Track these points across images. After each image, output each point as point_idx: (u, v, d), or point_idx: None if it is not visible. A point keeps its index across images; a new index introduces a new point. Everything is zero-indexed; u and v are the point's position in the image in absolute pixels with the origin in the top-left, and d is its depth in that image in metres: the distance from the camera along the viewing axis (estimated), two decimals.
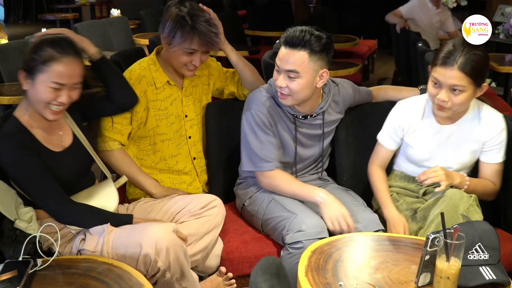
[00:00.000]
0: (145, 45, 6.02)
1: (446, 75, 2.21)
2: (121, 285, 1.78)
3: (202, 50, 2.46)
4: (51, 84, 2.02)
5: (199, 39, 2.41)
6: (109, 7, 10.01)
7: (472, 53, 2.19)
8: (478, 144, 2.40)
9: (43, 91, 2.03)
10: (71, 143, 2.21)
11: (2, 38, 5.51)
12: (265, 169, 2.44)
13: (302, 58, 2.30)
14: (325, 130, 2.58)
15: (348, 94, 2.64)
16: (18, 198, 2.07)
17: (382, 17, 6.35)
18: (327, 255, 1.90)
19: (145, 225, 2.10)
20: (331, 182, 2.70)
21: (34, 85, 2.04)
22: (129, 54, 4.27)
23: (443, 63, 2.21)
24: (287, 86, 2.33)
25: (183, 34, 2.40)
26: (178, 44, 2.42)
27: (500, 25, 6.38)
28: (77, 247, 2.10)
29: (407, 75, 5.74)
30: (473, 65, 2.19)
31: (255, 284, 1.36)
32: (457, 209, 2.17)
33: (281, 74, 2.35)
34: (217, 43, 2.49)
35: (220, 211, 2.45)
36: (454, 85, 2.21)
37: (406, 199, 2.46)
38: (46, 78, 2.02)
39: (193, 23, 2.40)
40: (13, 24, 12.93)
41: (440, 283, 1.68)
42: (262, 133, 2.43)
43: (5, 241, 1.98)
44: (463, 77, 2.19)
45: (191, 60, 2.45)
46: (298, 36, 2.29)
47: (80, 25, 6.14)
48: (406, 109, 2.48)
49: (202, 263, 2.38)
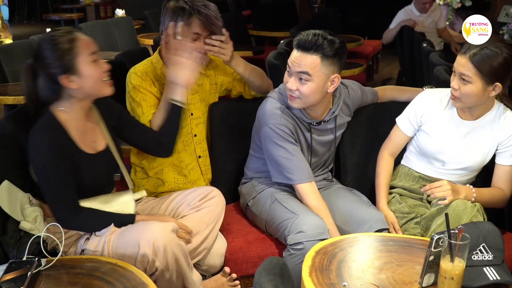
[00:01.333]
0: (150, 45, 6.04)
1: (458, 62, 2.28)
2: (125, 285, 1.79)
3: (205, 33, 2.46)
4: (90, 57, 2.06)
5: (201, 21, 2.43)
6: (113, 7, 10.01)
7: (488, 49, 2.22)
8: (493, 144, 2.40)
9: (91, 71, 2.06)
10: (103, 149, 2.23)
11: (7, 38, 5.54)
12: (298, 182, 2.43)
13: (314, 62, 2.29)
14: (337, 134, 2.60)
15: (357, 96, 2.64)
16: (24, 198, 2.08)
17: (386, 18, 6.33)
18: (331, 255, 1.90)
19: (144, 225, 2.10)
20: (335, 183, 2.70)
21: (81, 75, 2.05)
22: (133, 54, 4.28)
23: (463, 52, 2.28)
24: (298, 89, 2.33)
25: (184, 18, 2.41)
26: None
27: (505, 25, 6.37)
28: (81, 246, 2.11)
29: (412, 75, 5.73)
30: (483, 58, 2.21)
31: (259, 284, 1.36)
32: (460, 220, 2.16)
33: (292, 76, 2.34)
34: (219, 26, 2.49)
35: (220, 201, 2.44)
36: (462, 74, 2.25)
37: (409, 202, 2.46)
38: (83, 57, 2.05)
39: (192, 7, 2.42)
40: (17, 24, 12.97)
41: (444, 284, 1.68)
42: (289, 144, 2.42)
43: (9, 241, 1.99)
44: (471, 67, 2.23)
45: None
46: (311, 40, 2.29)
47: (85, 25, 6.15)
48: (430, 97, 2.49)
49: (205, 259, 2.38)
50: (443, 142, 2.43)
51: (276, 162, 2.44)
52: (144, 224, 2.11)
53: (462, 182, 2.45)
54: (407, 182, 2.53)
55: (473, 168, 2.45)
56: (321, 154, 2.60)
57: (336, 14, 7.98)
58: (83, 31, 5.92)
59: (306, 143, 2.51)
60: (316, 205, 2.39)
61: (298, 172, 2.42)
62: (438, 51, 4.47)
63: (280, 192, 2.50)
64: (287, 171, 2.42)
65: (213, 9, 2.48)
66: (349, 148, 2.74)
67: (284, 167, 2.42)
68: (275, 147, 2.41)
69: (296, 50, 2.33)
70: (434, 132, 2.44)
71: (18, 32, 10.19)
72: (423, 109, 2.47)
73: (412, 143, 2.55)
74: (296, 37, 2.35)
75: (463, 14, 6.67)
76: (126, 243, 2.04)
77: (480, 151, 2.41)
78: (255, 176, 2.62)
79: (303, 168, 2.43)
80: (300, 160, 2.43)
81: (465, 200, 2.25)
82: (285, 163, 2.42)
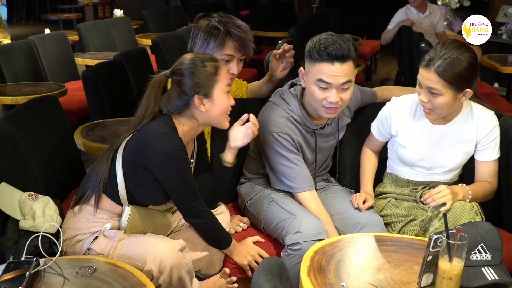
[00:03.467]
0: (148, 46, 6.04)
1: (424, 76, 2.24)
2: (123, 285, 1.79)
3: (238, 55, 2.44)
4: (226, 88, 2.17)
5: (234, 43, 2.40)
6: (112, 7, 10.02)
7: (452, 58, 2.18)
8: (471, 144, 2.40)
9: (222, 100, 2.16)
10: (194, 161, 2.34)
11: (5, 38, 5.54)
12: (300, 191, 2.44)
13: (351, 68, 2.28)
14: (339, 136, 2.61)
15: (356, 97, 2.64)
16: (22, 196, 2.07)
17: (385, 18, 6.34)
18: (329, 255, 1.90)
19: (154, 240, 2.11)
20: (334, 184, 2.70)
21: (213, 101, 2.15)
22: (132, 55, 4.28)
23: (425, 65, 2.23)
24: (340, 99, 2.31)
25: (217, 40, 2.39)
26: (214, 53, 2.39)
27: (503, 25, 6.38)
28: (89, 243, 2.12)
29: (410, 75, 5.73)
30: (449, 69, 2.17)
31: (258, 284, 1.36)
32: (459, 222, 2.17)
33: (333, 90, 2.28)
34: (252, 47, 2.47)
35: (226, 217, 2.47)
36: (431, 88, 2.22)
37: (405, 204, 2.46)
38: (221, 86, 2.15)
39: (227, 29, 2.40)
40: (16, 24, 12.98)
41: (442, 284, 1.68)
42: (291, 154, 2.41)
43: (7, 243, 1.99)
44: (438, 80, 2.19)
45: (228, 68, 2.41)
46: (343, 48, 2.23)
47: (83, 25, 6.15)
48: (398, 108, 2.47)
49: (205, 267, 2.38)
50: (421, 151, 2.43)
51: (277, 170, 2.45)
52: (153, 239, 2.12)
53: (450, 180, 2.47)
54: (398, 189, 2.54)
55: (456, 167, 2.47)
56: (324, 157, 2.61)
57: (335, 14, 7.99)
58: (82, 31, 5.97)
59: (310, 148, 2.51)
60: (317, 213, 2.39)
61: (299, 181, 2.42)
62: None
63: (278, 193, 2.50)
64: (288, 179, 2.43)
65: (246, 30, 2.44)
66: (347, 148, 2.74)
67: (285, 175, 2.43)
68: (277, 155, 2.42)
69: (331, 63, 2.24)
70: (409, 144, 2.44)
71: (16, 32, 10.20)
72: (393, 121, 2.46)
73: (392, 153, 2.56)
74: (320, 49, 2.25)
75: (462, 14, 6.68)
76: (133, 254, 2.05)
77: (459, 152, 2.41)
78: (254, 176, 2.62)
79: (304, 176, 2.44)
80: (302, 169, 2.44)
81: (462, 202, 2.25)
82: (287, 172, 2.42)
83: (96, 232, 2.15)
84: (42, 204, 2.11)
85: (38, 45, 5.16)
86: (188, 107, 2.14)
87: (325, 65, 2.25)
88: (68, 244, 2.14)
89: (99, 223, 2.16)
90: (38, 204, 2.10)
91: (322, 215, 2.38)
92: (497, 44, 6.34)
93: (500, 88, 6.07)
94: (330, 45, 2.23)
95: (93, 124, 3.34)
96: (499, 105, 4.39)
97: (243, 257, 2.35)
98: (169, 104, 2.15)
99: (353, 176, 2.75)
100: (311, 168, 2.54)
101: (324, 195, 2.56)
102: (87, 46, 5.99)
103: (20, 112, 2.66)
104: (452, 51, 2.19)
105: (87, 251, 2.11)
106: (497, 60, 5.24)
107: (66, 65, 5.45)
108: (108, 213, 2.17)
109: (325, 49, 2.23)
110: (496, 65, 5.08)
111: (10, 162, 2.30)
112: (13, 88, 4.29)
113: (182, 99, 2.13)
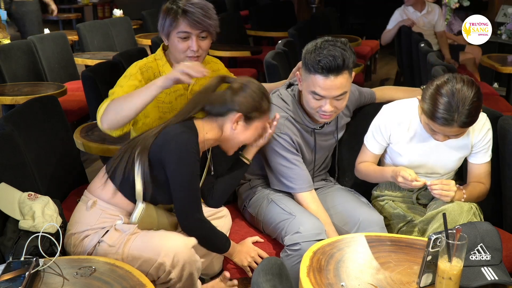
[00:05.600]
0: (147, 45, 6.05)
1: (446, 131, 2.18)
2: (123, 285, 1.78)
3: (195, 32, 2.38)
4: (264, 124, 2.31)
5: (187, 19, 2.35)
6: (111, 7, 10.02)
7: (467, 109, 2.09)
8: (467, 149, 2.40)
9: (255, 134, 2.29)
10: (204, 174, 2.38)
11: (5, 38, 5.53)
12: (299, 191, 2.44)
13: (345, 79, 2.27)
14: (339, 136, 2.61)
15: (355, 97, 2.65)
16: (22, 196, 2.07)
17: (384, 18, 6.35)
18: (329, 255, 1.90)
19: (169, 235, 2.12)
20: (334, 183, 2.71)
21: (248, 129, 2.25)
22: (131, 55, 4.28)
23: (445, 124, 2.13)
24: (335, 107, 2.32)
25: (171, 18, 2.37)
26: (171, 32, 2.38)
27: (503, 25, 6.39)
28: (99, 237, 2.12)
29: (410, 75, 5.74)
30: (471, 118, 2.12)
31: (257, 284, 1.36)
32: (457, 224, 2.16)
33: (327, 100, 2.29)
34: (211, 23, 2.40)
35: (227, 221, 2.48)
36: (457, 135, 2.22)
37: (402, 206, 2.47)
38: (263, 120, 2.28)
39: (178, 6, 2.37)
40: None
41: (442, 284, 1.68)
42: (290, 154, 2.42)
43: (7, 243, 1.99)
44: (464, 130, 2.19)
45: (188, 45, 2.39)
46: (337, 61, 2.20)
47: (83, 25, 6.14)
48: (392, 117, 2.43)
49: (205, 267, 2.37)
50: (417, 159, 2.42)
51: (276, 171, 2.45)
52: (168, 233, 2.13)
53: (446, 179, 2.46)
54: (394, 192, 2.54)
55: (451, 171, 2.48)
56: (324, 156, 2.61)
57: (335, 15, 8.00)
58: (81, 31, 5.96)
59: (310, 147, 2.52)
60: (316, 213, 2.39)
61: (299, 181, 2.42)
62: (436, 51, 4.47)
63: (277, 193, 2.50)
64: (287, 180, 2.43)
65: (206, 8, 2.40)
66: (347, 148, 2.74)
67: (284, 175, 2.43)
68: (276, 156, 2.42)
69: (325, 76, 2.22)
70: (405, 152, 2.43)
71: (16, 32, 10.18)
72: (389, 129, 2.43)
73: (387, 160, 2.54)
74: (315, 61, 2.22)
75: (462, 14, 6.68)
76: (146, 247, 2.06)
77: (456, 157, 2.42)
78: (253, 177, 2.62)
79: (304, 177, 2.44)
80: (301, 169, 2.44)
81: (460, 203, 2.26)
82: (286, 172, 2.42)
83: (105, 227, 2.15)
84: (41, 204, 2.11)
85: (38, 45, 5.16)
86: (224, 116, 2.22)
87: (319, 78, 2.24)
88: (77, 238, 2.14)
89: (110, 219, 2.16)
90: (37, 204, 2.10)
91: (321, 215, 2.38)
92: (496, 44, 6.35)
93: (499, 88, 6.09)
94: (324, 58, 2.20)
95: (93, 124, 3.34)
96: (499, 105, 4.39)
97: (243, 258, 2.35)
98: (214, 103, 2.22)
99: (352, 176, 2.74)
100: (310, 167, 2.54)
101: (323, 194, 2.57)
102: (87, 46, 5.99)
103: (19, 112, 2.66)
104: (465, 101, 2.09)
105: (97, 243, 2.11)
106: (496, 60, 5.25)
107: (66, 65, 5.45)
108: (120, 210, 2.18)
109: (319, 62, 2.21)
110: (495, 65, 5.09)
111: (9, 162, 2.29)
112: (12, 88, 4.29)
113: (226, 107, 2.21)
